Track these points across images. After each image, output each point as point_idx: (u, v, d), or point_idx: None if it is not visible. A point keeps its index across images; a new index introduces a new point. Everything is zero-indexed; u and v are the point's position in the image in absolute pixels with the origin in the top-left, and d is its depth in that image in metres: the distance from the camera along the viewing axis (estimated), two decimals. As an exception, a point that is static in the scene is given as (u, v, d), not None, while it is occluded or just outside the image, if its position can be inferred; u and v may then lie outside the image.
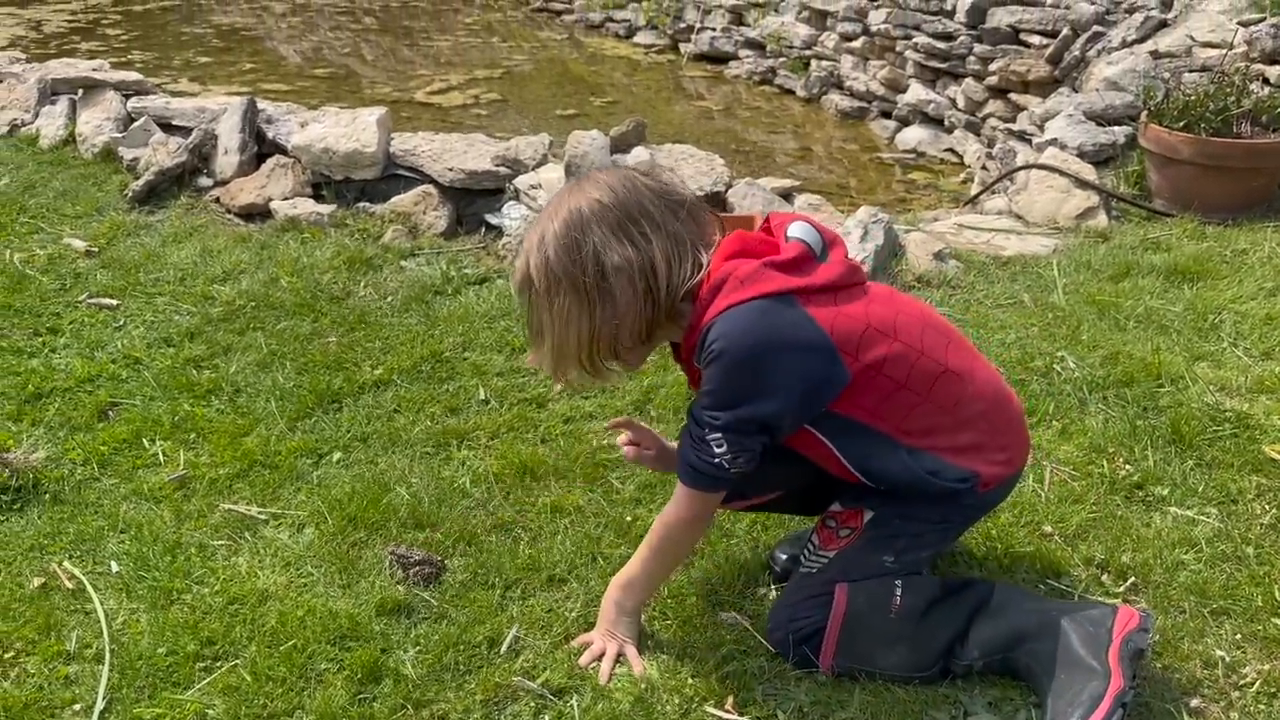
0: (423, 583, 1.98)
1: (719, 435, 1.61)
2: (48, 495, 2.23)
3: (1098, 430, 2.43)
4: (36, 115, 4.74)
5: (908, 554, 1.76)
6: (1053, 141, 4.17)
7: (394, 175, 3.93)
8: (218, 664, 1.78)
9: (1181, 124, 3.78)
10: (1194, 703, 1.71)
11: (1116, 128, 4.23)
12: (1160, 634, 1.83)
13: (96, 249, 3.56)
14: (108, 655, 1.78)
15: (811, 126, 6.51)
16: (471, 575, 2.00)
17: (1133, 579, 1.97)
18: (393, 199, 3.83)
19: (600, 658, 1.78)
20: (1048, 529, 2.11)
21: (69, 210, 3.90)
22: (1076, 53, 5.02)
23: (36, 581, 1.97)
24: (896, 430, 1.67)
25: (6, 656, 1.79)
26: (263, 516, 2.19)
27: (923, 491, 1.71)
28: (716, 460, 1.64)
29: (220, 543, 2.10)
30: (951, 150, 5.67)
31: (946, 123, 5.79)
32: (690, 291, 1.64)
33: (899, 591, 1.73)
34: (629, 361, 1.74)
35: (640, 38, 8.64)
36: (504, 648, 1.82)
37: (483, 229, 3.74)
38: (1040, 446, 2.38)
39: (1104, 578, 1.99)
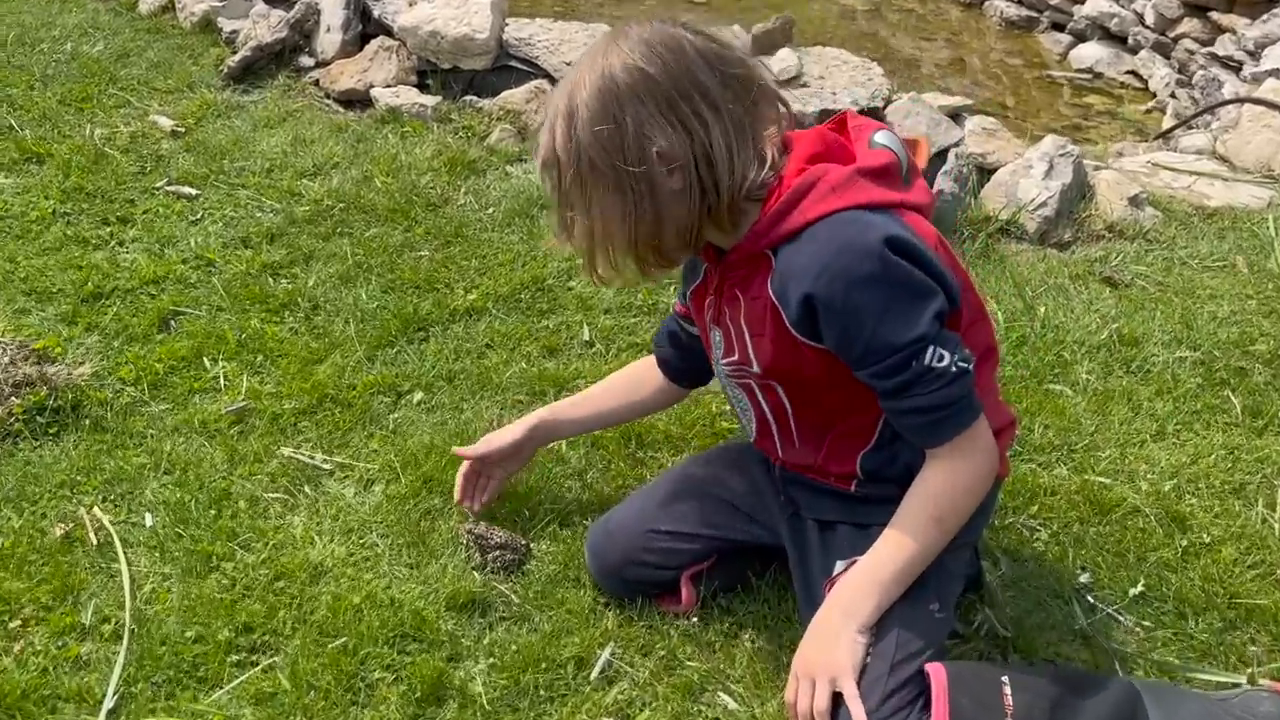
0: (503, 571, 1.65)
1: (930, 347, 1.28)
2: (88, 421, 1.95)
3: (1345, 444, 1.95)
4: (137, -22, 4.45)
5: (945, 588, 1.39)
6: (1273, 72, 3.54)
7: (506, 66, 3.53)
8: (253, 658, 1.48)
9: None
10: None
11: (1357, 58, 3.58)
12: None
13: (183, 129, 3.27)
14: (126, 636, 1.50)
15: (969, 35, 5.84)
16: (561, 566, 1.66)
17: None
18: (503, 93, 3.43)
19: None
20: (1286, 575, 1.67)
21: (160, 84, 3.61)
22: (1303, -36, 4.29)
23: (59, 530, 1.70)
24: None
25: (13, 625, 1.52)
26: (327, 466, 1.88)
27: None
28: (948, 371, 1.29)
29: (275, 495, 1.80)
30: (1134, 73, 4.98)
31: (1130, 41, 5.09)
32: (753, 192, 1.31)
33: (1007, 688, 1.29)
34: (672, 262, 1.41)
35: (782, -73, 7.96)
36: (595, 672, 1.48)
37: (601, 134, 3.33)
38: (1270, 459, 1.92)
39: (1364, 650, 1.55)
